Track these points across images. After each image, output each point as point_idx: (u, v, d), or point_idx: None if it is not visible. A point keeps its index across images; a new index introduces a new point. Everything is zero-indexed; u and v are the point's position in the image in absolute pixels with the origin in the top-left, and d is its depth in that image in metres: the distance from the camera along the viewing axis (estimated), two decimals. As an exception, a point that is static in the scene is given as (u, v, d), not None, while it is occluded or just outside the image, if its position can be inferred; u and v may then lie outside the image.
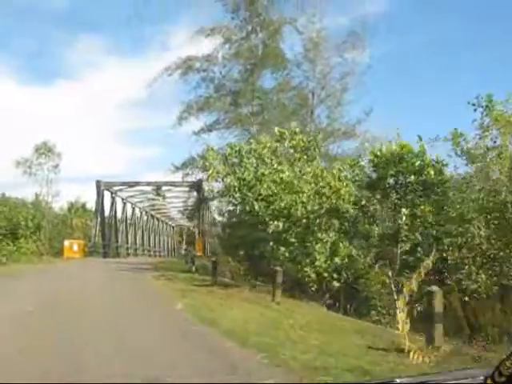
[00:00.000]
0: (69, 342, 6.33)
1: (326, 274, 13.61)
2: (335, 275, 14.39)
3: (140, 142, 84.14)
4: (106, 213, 39.41)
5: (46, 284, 13.87)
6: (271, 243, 14.52)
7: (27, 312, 8.31)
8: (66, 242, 31.40)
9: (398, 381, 1.72)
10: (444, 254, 12.25)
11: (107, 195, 39.18)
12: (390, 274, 9.93)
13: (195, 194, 40.30)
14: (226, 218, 24.93)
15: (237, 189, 16.74)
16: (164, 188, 41.12)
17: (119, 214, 43.00)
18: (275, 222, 13.99)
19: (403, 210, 12.39)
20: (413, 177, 12.82)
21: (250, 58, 31.99)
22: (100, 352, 5.85)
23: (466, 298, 11.55)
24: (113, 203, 40.20)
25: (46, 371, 4.88)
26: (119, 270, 18.65)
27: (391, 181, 13.16)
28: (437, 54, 48.78)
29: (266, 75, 32.97)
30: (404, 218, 12.26)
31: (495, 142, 12.44)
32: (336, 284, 14.48)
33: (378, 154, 13.28)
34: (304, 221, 13.50)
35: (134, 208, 48.47)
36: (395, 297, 7.57)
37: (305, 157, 16.56)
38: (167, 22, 66.25)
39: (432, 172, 12.70)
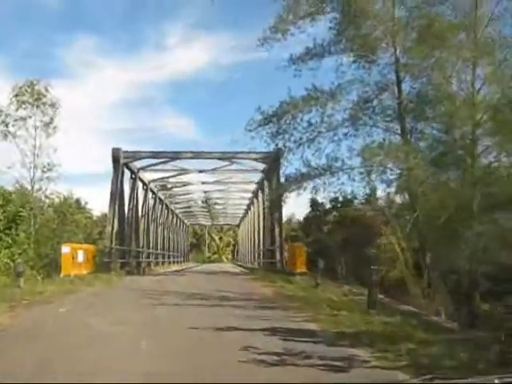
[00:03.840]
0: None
1: None
2: None
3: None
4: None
5: None
6: None
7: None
8: (65, 249, 17.69)
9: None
10: None
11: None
12: None
13: (261, 175, 26.91)
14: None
15: None
16: (212, 167, 27.64)
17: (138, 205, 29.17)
18: None
19: None
20: None
21: None
22: None
23: None
24: (134, 188, 26.50)
25: None
26: None
27: None
28: None
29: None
30: None
31: None
32: None
33: None
34: None
35: (155, 199, 34.88)
36: None
37: None
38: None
39: None
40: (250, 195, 38.10)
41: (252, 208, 39.42)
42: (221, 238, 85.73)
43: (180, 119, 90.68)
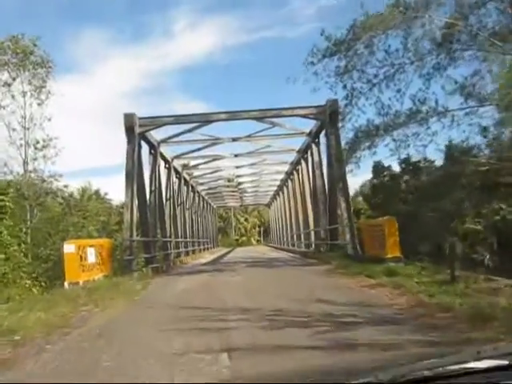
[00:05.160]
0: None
1: None
2: None
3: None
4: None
5: None
6: None
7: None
8: (69, 247, 12.88)
9: None
10: None
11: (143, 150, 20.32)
12: None
13: (307, 135, 21.60)
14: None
15: None
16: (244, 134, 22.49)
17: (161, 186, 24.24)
18: None
19: None
20: None
21: None
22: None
23: None
24: (155, 166, 21.58)
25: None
26: None
27: None
28: None
29: None
30: None
31: None
32: None
33: None
34: None
35: (180, 179, 30.01)
36: None
37: None
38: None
39: None
40: (286, 168, 32.94)
41: (290, 182, 34.25)
42: (246, 220, 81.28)
43: (192, 104, 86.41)
